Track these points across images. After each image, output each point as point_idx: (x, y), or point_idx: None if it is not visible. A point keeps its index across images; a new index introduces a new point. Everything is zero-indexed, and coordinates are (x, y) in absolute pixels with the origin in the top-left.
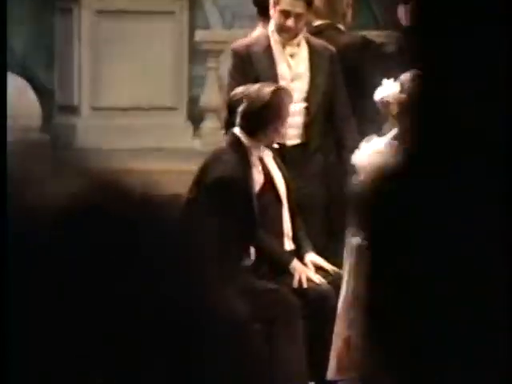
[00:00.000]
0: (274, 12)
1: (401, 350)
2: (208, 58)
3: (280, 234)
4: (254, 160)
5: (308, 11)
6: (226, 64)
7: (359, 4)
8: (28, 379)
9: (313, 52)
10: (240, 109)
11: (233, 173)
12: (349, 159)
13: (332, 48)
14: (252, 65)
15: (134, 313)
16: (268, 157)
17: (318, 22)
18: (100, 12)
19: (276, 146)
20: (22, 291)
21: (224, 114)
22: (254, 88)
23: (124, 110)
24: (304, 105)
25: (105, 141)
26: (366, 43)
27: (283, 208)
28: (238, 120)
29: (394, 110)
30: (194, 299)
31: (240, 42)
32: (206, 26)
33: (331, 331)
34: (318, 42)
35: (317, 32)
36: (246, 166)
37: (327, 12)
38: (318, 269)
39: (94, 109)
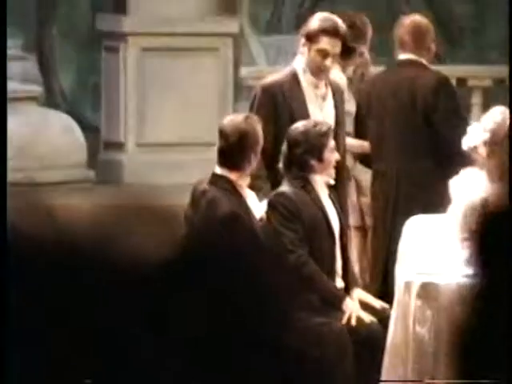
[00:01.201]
0: (307, 50)
1: None
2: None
3: (331, 271)
4: (245, 192)
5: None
6: None
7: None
8: None
9: (334, 91)
10: (217, 146)
11: (231, 208)
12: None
13: (342, 85)
14: (285, 104)
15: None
16: (324, 193)
17: (403, 56)
18: (146, 49)
19: (332, 182)
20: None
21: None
22: (225, 123)
23: (170, 145)
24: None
25: (151, 177)
26: (445, 81)
27: (335, 244)
28: (217, 158)
29: (483, 151)
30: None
31: (270, 81)
32: (251, 63)
33: (379, 370)
34: (333, 79)
35: (401, 65)
36: (238, 200)
37: (413, 46)
38: (366, 305)
39: (140, 145)
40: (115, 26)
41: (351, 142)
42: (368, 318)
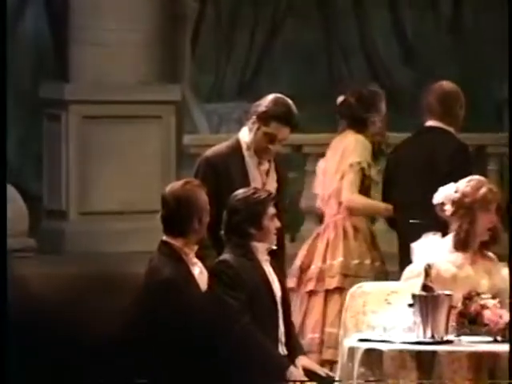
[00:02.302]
0: (256, 129)
1: None
2: (196, 162)
3: (274, 338)
4: (191, 259)
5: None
6: None
7: None
8: None
9: (277, 163)
10: (159, 215)
11: (168, 276)
12: None
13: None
14: (228, 176)
15: None
16: (265, 260)
17: (429, 123)
18: (87, 117)
19: (274, 247)
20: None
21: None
22: (166, 189)
23: (112, 214)
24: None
25: (93, 245)
26: (462, 148)
27: (278, 312)
28: (162, 227)
29: (449, 210)
30: None
31: (214, 152)
32: (194, 130)
33: None
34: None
35: (427, 131)
36: (181, 267)
37: (441, 113)
38: (310, 372)
39: (82, 213)
40: (57, 94)
41: (376, 204)
42: None
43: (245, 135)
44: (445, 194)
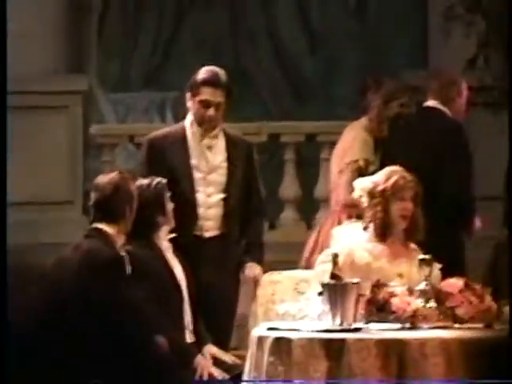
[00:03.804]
0: (192, 103)
1: None
2: (103, 152)
3: (181, 327)
4: (120, 248)
5: (227, 100)
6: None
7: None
8: None
9: (230, 143)
10: (91, 202)
11: (114, 255)
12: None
13: (249, 140)
14: (165, 157)
15: None
16: (168, 249)
17: (428, 103)
18: None
19: (171, 235)
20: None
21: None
22: (99, 178)
23: (19, 204)
24: (222, 196)
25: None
26: (457, 127)
27: (184, 300)
28: (93, 214)
29: (364, 201)
30: None
31: (155, 134)
32: (101, 120)
33: None
34: (235, 133)
35: (424, 112)
36: (113, 250)
37: (439, 95)
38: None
39: None
40: None
41: None
42: (219, 374)
43: (188, 117)
44: (361, 187)
